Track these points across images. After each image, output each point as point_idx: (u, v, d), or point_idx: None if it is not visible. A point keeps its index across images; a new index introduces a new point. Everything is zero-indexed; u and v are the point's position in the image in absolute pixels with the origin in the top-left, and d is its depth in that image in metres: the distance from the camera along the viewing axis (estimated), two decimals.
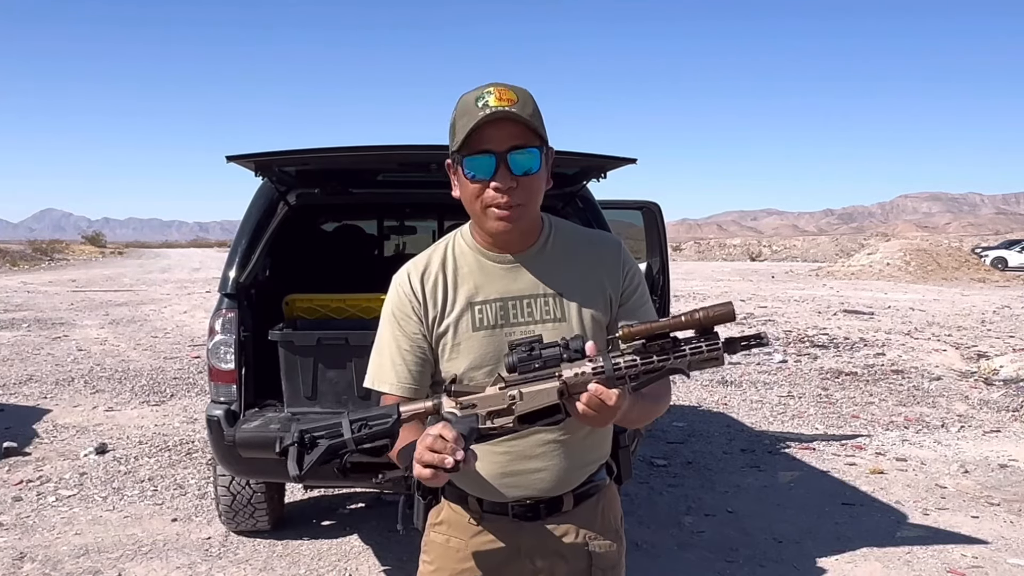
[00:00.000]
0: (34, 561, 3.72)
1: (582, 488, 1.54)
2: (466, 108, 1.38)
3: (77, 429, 6.14)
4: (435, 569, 1.57)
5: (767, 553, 3.86)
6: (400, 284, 1.53)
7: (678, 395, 7.52)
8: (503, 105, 1.35)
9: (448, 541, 1.56)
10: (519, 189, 1.39)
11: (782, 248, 56.62)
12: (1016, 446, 5.80)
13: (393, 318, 1.52)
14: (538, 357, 1.28)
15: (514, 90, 1.39)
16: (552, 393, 1.27)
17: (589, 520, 1.56)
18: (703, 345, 1.23)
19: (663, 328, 1.24)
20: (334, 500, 4.59)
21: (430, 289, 1.50)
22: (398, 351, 1.50)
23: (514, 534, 1.53)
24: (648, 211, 4.88)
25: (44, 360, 9.34)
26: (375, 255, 5.65)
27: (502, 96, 1.36)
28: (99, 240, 64.43)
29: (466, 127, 1.36)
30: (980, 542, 3.98)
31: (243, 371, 3.40)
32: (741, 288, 21.59)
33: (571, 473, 1.52)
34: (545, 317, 1.47)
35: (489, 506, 1.53)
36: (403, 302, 1.51)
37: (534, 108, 1.40)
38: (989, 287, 23.56)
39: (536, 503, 1.52)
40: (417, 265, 1.54)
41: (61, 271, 31.38)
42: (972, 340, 11.28)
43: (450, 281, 1.50)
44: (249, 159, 3.18)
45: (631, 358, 1.25)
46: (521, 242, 1.49)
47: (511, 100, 1.36)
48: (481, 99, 1.36)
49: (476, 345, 1.47)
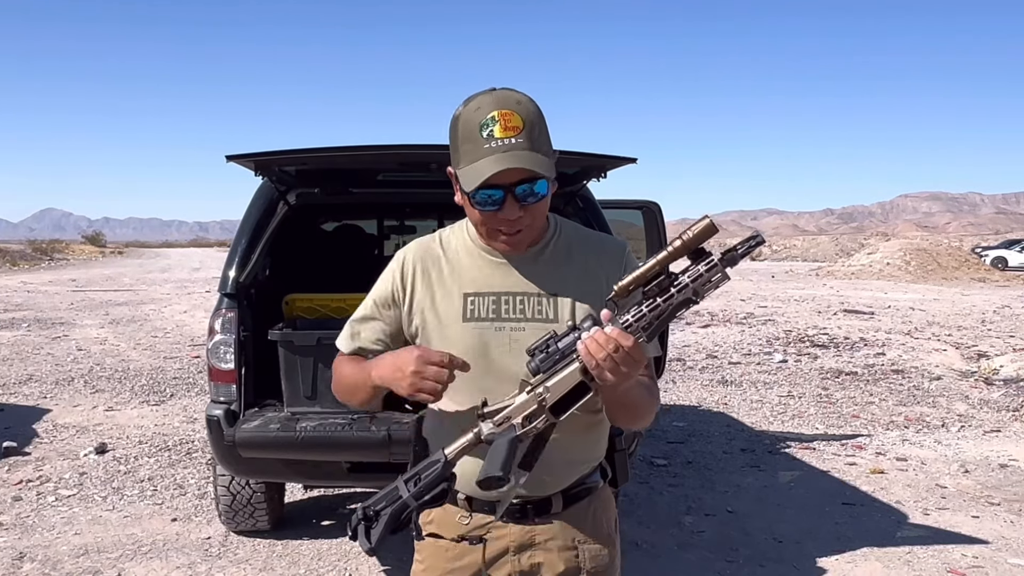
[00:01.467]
0: (34, 561, 3.71)
1: (572, 490, 1.53)
2: (470, 133, 1.36)
3: (77, 429, 6.14)
4: (425, 568, 1.58)
5: (767, 553, 3.86)
6: (396, 263, 1.57)
7: (678, 395, 7.52)
8: (509, 136, 1.33)
9: (437, 541, 1.56)
10: (526, 216, 1.40)
11: (782, 248, 56.59)
12: (1016, 446, 5.80)
13: (378, 289, 1.57)
14: (556, 351, 1.30)
15: (519, 112, 1.35)
16: (575, 374, 1.30)
17: (580, 522, 1.54)
18: (699, 267, 1.24)
19: (653, 268, 1.25)
20: (334, 500, 4.59)
21: (422, 271, 1.52)
22: (363, 318, 1.57)
23: (503, 534, 1.53)
24: (648, 211, 4.88)
25: (44, 360, 9.33)
26: (375, 255, 5.65)
27: (507, 124, 1.33)
28: (99, 240, 64.42)
29: (471, 158, 1.35)
30: (980, 542, 3.98)
31: (243, 371, 3.40)
32: (741, 288, 21.58)
33: (560, 474, 1.51)
34: (536, 316, 1.47)
35: (478, 505, 1.53)
36: (392, 278, 1.55)
37: (540, 128, 1.37)
38: (989, 287, 23.56)
39: (524, 504, 1.51)
40: (421, 245, 1.57)
41: (61, 271, 31.38)
42: (972, 340, 11.29)
43: (446, 269, 1.52)
44: (249, 159, 3.18)
45: (636, 309, 1.26)
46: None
47: (516, 129, 1.33)
48: (486, 127, 1.34)
49: (463, 335, 1.48)
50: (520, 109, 1.36)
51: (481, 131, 1.34)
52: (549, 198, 1.43)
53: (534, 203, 1.39)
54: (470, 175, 1.34)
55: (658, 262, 1.24)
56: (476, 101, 1.37)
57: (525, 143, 1.34)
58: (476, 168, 1.34)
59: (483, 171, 1.32)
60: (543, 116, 1.40)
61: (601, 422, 1.57)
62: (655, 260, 1.24)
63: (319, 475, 3.53)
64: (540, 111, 1.39)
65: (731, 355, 9.97)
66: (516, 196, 1.36)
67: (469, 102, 1.38)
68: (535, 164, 1.34)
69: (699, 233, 1.22)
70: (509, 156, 1.32)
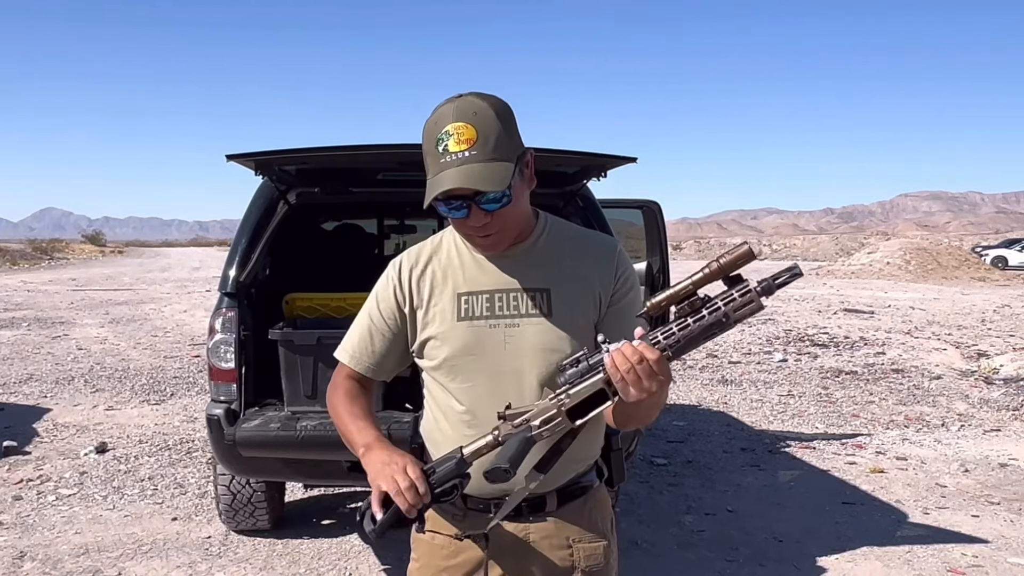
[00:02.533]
0: (34, 560, 3.72)
1: (567, 488, 1.53)
2: (429, 146, 1.38)
3: (77, 428, 6.14)
4: (421, 566, 1.59)
5: (767, 552, 3.86)
6: (391, 269, 1.57)
7: (678, 394, 7.52)
8: (462, 150, 1.33)
9: (433, 539, 1.57)
10: (494, 221, 1.41)
11: (782, 247, 56.62)
12: (1016, 445, 5.80)
13: (375, 298, 1.57)
14: (587, 367, 1.31)
15: (474, 123, 1.35)
16: (598, 383, 1.30)
17: (574, 521, 1.54)
18: (733, 293, 1.22)
19: (687, 288, 1.24)
20: (334, 499, 4.59)
21: (417, 278, 1.53)
22: (367, 329, 1.56)
23: (497, 532, 1.53)
24: (648, 210, 4.88)
25: (44, 359, 9.34)
26: (375, 254, 5.65)
27: (460, 137, 1.33)
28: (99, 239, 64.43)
29: (432, 170, 1.37)
30: (980, 541, 3.98)
31: (243, 370, 3.40)
32: None
33: (554, 472, 1.49)
34: (531, 311, 1.48)
35: (472, 503, 1.53)
36: (388, 287, 1.55)
37: (499, 135, 1.36)
38: (989, 286, 23.56)
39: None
40: (411, 254, 1.57)
41: (61, 270, 31.38)
42: (972, 339, 11.29)
43: (439, 272, 1.52)
44: (249, 158, 3.18)
45: (666, 329, 1.26)
46: (511, 243, 1.51)
47: (470, 141, 1.33)
48: (441, 141, 1.35)
49: (459, 335, 1.48)
50: (476, 120, 1.35)
51: (438, 145, 1.35)
52: (520, 203, 1.44)
53: (498, 208, 1.39)
54: (431, 187, 1.37)
55: (693, 282, 1.23)
56: (437, 112, 1.39)
57: (479, 155, 1.34)
58: (434, 182, 1.36)
59: (437, 186, 1.35)
60: (508, 117, 1.39)
61: (595, 422, 1.57)
62: (690, 280, 1.24)
63: (319, 474, 3.52)
64: (504, 114, 1.39)
65: (731, 354, 9.97)
66: (478, 204, 1.38)
67: (434, 112, 1.40)
68: (485, 178, 1.33)
69: (736, 257, 1.21)
70: (461, 172, 1.33)
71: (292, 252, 4.37)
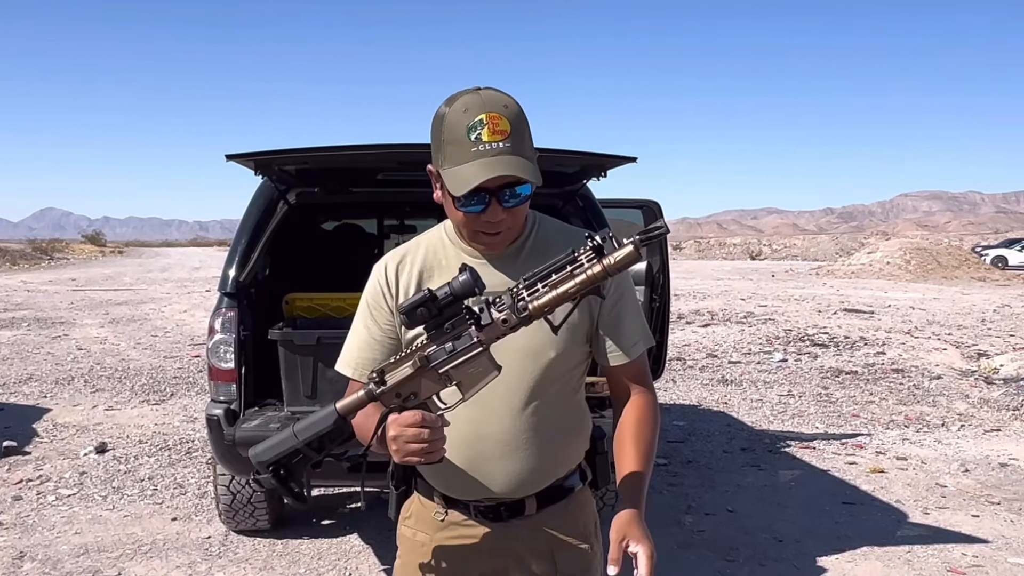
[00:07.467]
0: (34, 560, 3.72)
1: (547, 492, 1.53)
2: (456, 135, 1.35)
3: (77, 428, 6.14)
4: (403, 564, 1.60)
5: (767, 552, 3.86)
6: (376, 273, 1.55)
7: (678, 394, 7.52)
8: (497, 141, 1.32)
9: (415, 535, 1.58)
10: (508, 217, 1.41)
11: (782, 247, 56.62)
12: (1016, 445, 5.80)
13: (367, 306, 1.55)
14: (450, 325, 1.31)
15: (506, 115, 1.34)
16: (407, 369, 1.32)
17: (556, 524, 1.54)
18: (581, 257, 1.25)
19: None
20: (334, 500, 4.59)
21: (404, 280, 1.52)
22: (366, 339, 1.54)
23: (477, 533, 1.53)
24: (648, 210, 4.88)
25: (44, 359, 9.34)
26: (375, 254, 5.65)
27: (495, 129, 1.32)
28: (99, 239, 64.41)
29: (456, 160, 1.34)
30: (980, 541, 3.98)
31: (243, 370, 3.40)
32: (741, 287, 21.58)
33: (534, 476, 1.50)
34: None
35: (453, 503, 1.53)
36: (376, 291, 1.53)
37: (525, 131, 1.37)
38: (989, 286, 23.55)
39: (497, 504, 1.51)
40: (395, 256, 1.55)
41: (61, 270, 31.38)
42: (972, 339, 11.28)
43: (426, 273, 1.51)
44: (249, 158, 3.18)
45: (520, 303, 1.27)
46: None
47: (504, 134, 1.33)
48: (474, 130, 1.33)
49: None
50: (507, 113, 1.35)
51: (469, 134, 1.33)
52: (530, 200, 1.44)
53: (516, 206, 1.39)
54: (457, 178, 1.34)
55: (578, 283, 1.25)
56: (462, 101, 1.36)
57: (512, 148, 1.33)
58: (463, 171, 1.33)
59: (471, 176, 1.32)
60: (526, 119, 1.40)
61: (578, 426, 1.57)
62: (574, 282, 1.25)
63: (319, 474, 3.52)
64: (524, 114, 1.39)
65: (731, 354, 9.97)
66: (500, 199, 1.37)
67: (454, 102, 1.37)
68: (522, 170, 1.34)
69: (620, 260, 1.23)
70: (497, 162, 1.32)
71: (292, 252, 4.36)
